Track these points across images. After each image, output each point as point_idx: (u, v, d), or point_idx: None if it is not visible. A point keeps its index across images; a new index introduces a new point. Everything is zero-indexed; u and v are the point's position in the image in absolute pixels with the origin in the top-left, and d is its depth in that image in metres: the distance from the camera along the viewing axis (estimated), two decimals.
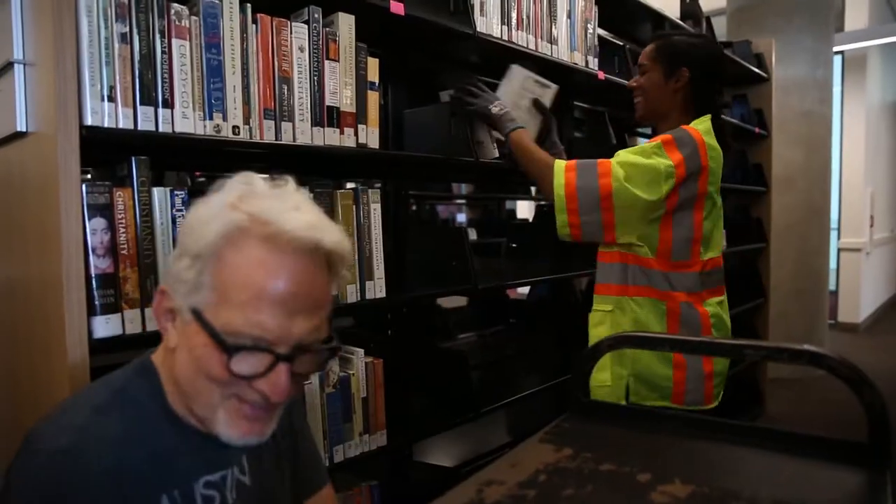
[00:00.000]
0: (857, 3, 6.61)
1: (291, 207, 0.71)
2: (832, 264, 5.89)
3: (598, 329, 1.57)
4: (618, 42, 2.49)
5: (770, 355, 0.94)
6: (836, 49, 5.23)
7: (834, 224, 6.12)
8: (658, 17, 2.73)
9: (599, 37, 2.24)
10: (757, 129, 3.82)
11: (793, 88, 4.61)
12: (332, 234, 0.73)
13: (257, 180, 0.75)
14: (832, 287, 6.17)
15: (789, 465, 0.75)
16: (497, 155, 1.80)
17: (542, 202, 3.15)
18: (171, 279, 0.74)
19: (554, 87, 1.85)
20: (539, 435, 0.90)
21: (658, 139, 1.50)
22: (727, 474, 0.78)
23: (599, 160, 1.51)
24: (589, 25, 2.15)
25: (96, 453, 0.69)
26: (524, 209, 6.08)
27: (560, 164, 1.54)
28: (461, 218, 5.90)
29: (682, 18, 3.25)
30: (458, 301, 3.03)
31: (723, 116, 1.72)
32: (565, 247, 2.29)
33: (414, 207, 2.93)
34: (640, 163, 1.47)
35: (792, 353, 0.86)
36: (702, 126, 1.55)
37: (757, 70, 3.84)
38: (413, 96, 1.89)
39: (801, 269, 4.74)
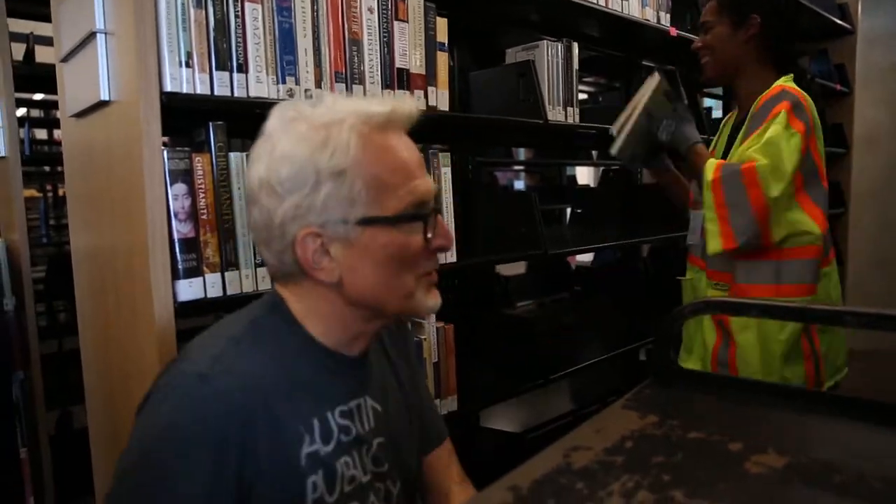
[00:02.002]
0: None
1: (365, 100, 0.77)
2: None
3: (746, 335, 1.45)
4: None
5: (872, 323, 0.88)
6: None
7: None
8: None
9: None
10: (838, 86, 3.59)
11: (879, 41, 4.30)
12: (409, 103, 0.79)
13: (316, 98, 0.79)
14: None
15: (889, 438, 0.71)
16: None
17: (610, 167, 3.06)
18: (317, 213, 0.72)
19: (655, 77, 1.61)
20: (622, 401, 0.87)
21: (781, 110, 1.36)
22: (824, 446, 0.74)
23: (742, 168, 1.37)
24: None
25: (232, 382, 0.70)
26: (584, 175, 5.95)
27: (707, 178, 1.41)
28: (519, 184, 5.82)
29: None
30: (517, 268, 3.00)
31: (805, 69, 1.58)
32: (631, 213, 2.23)
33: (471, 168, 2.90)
34: (782, 148, 1.35)
35: (886, 319, 0.81)
36: (793, 84, 1.44)
37: (840, 22, 3.59)
38: (478, 57, 1.85)
39: (883, 238, 4.47)
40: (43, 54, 2.88)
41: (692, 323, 1.59)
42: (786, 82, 1.45)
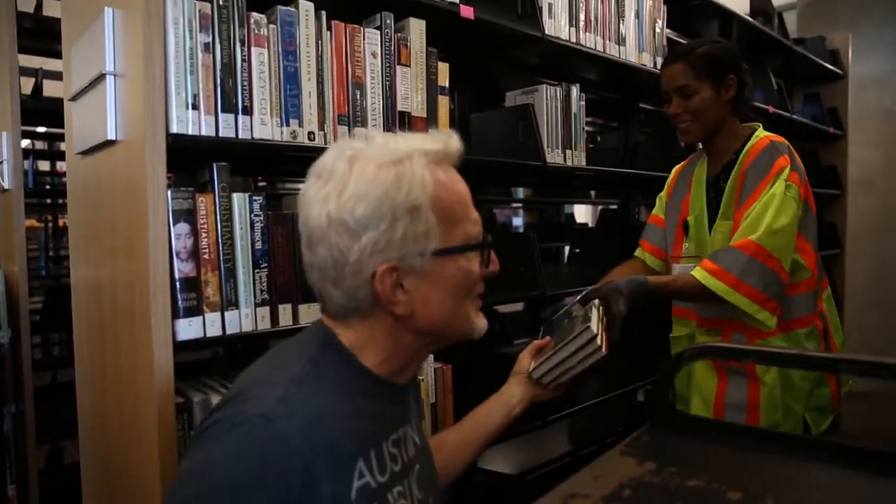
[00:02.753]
0: None
1: (418, 137, 0.81)
2: None
3: (768, 375, 1.48)
4: (685, 42, 2.42)
5: (868, 370, 0.88)
6: None
7: None
8: (727, 15, 2.64)
9: (667, 37, 2.19)
10: (831, 129, 3.65)
11: (871, 85, 4.38)
12: (454, 138, 0.83)
13: (364, 136, 0.81)
14: None
15: (889, 488, 0.71)
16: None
17: (608, 206, 3.09)
18: (395, 249, 0.75)
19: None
20: (620, 447, 0.87)
21: (783, 166, 1.41)
22: (824, 495, 0.74)
23: (740, 245, 1.38)
24: (657, 25, 2.10)
25: (296, 425, 0.70)
26: (582, 212, 5.99)
27: (701, 275, 1.40)
28: (517, 222, 5.86)
29: (752, 15, 3.14)
30: (515, 305, 3.00)
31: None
32: (630, 252, 2.24)
33: None
34: (786, 225, 1.39)
35: (892, 369, 0.81)
36: (767, 131, 1.54)
37: (832, 67, 3.67)
38: (477, 99, 1.88)
39: (880, 278, 4.49)
40: (49, 88, 2.94)
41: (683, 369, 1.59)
42: (762, 132, 1.53)
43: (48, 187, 4.72)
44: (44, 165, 5.13)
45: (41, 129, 3.94)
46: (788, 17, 3.67)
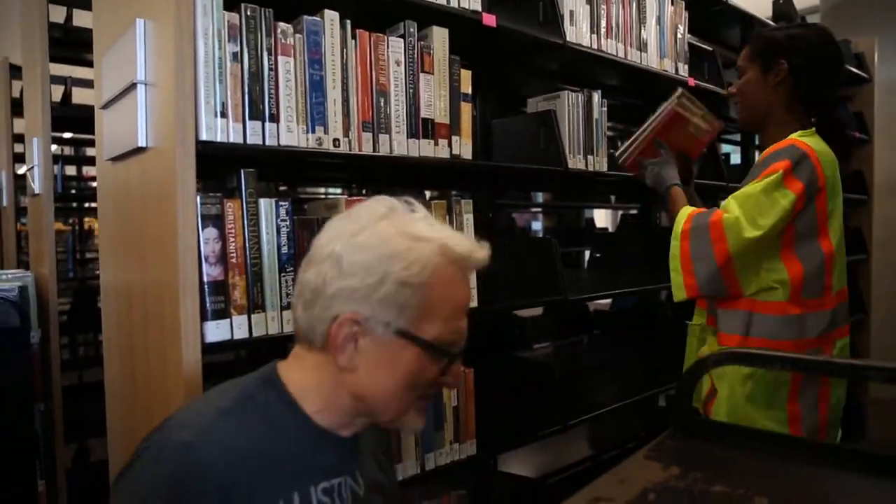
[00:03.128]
0: None
1: (451, 233, 0.82)
2: None
3: (721, 383, 1.46)
4: (707, 48, 2.40)
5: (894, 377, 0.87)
6: None
7: None
8: (748, 20, 2.63)
9: (689, 43, 2.18)
10: (857, 134, 3.60)
11: None
12: (484, 251, 0.84)
13: (411, 206, 0.83)
14: None
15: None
16: None
17: (629, 212, 3.08)
18: (367, 305, 0.77)
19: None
20: (643, 451, 0.87)
21: (779, 168, 1.35)
22: (849, 503, 0.74)
23: (711, 220, 1.40)
24: (679, 30, 2.09)
25: (216, 453, 0.73)
26: (601, 217, 5.96)
27: (677, 229, 1.46)
28: (536, 226, 5.85)
29: (774, 20, 3.11)
30: (534, 309, 3.00)
31: (840, 118, 1.57)
32: (650, 257, 2.24)
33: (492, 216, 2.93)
34: (762, 204, 1.35)
35: None
36: (808, 138, 1.42)
37: (857, 71, 3.62)
38: (499, 106, 1.89)
39: None
40: (78, 96, 3.01)
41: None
42: (801, 136, 1.42)
43: (74, 191, 4.83)
44: (70, 170, 5.25)
45: (68, 135, 4.02)
46: (812, 21, 3.63)
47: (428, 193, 1.80)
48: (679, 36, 2.09)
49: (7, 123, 3.88)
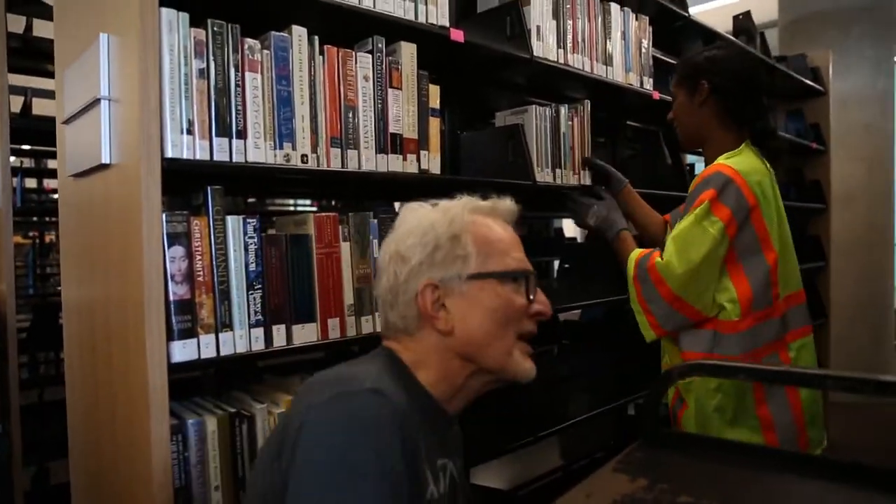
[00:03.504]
0: None
1: (474, 199, 0.96)
2: None
3: (689, 397, 1.50)
4: (671, 61, 2.46)
5: (854, 387, 0.90)
6: None
7: None
8: (709, 34, 2.69)
9: (653, 56, 2.22)
10: (813, 144, 3.71)
11: (852, 101, 4.47)
12: (508, 201, 0.98)
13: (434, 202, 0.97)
14: None
15: (871, 502, 0.73)
16: None
17: None
18: (437, 270, 0.87)
19: None
20: (612, 464, 0.89)
21: (705, 199, 1.41)
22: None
23: (648, 265, 1.48)
24: (643, 45, 2.14)
25: (396, 401, 0.78)
26: (570, 228, 6.02)
27: (629, 274, 1.54)
28: None
29: (734, 34, 3.20)
30: None
31: (769, 127, 1.62)
32: (618, 267, 2.27)
33: None
34: (694, 237, 1.41)
35: (878, 385, 0.83)
36: (734, 159, 1.47)
37: (813, 84, 3.74)
38: (467, 119, 1.91)
39: (864, 289, 4.56)
40: (38, 107, 2.94)
41: None
42: (727, 159, 1.48)
43: (33, 204, 4.72)
44: (30, 183, 5.12)
45: (26, 147, 3.94)
46: (770, 35, 3.75)
47: (397, 205, 1.81)
48: (643, 50, 2.14)
49: None
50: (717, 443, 1.00)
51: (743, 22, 3.25)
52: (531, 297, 0.91)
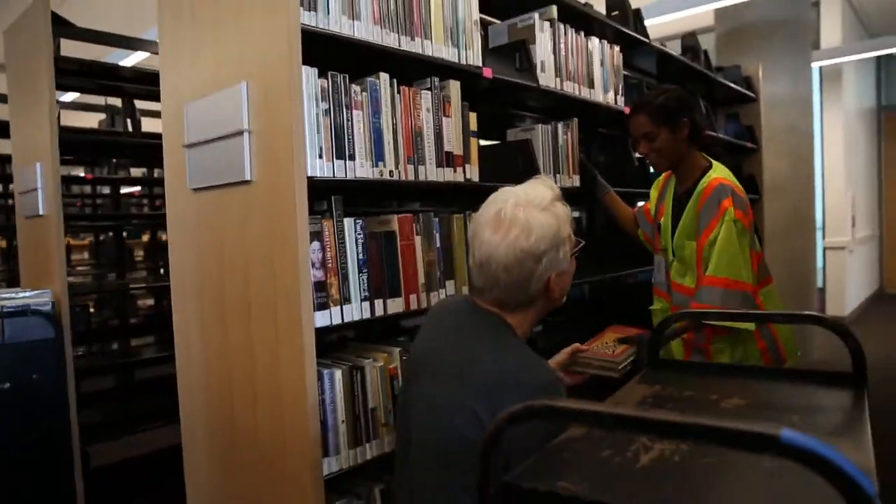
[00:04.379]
0: (832, 21, 7.17)
1: (537, 185, 1.27)
2: (819, 263, 6.37)
3: (723, 356, 1.98)
4: (634, 79, 2.94)
5: (789, 320, 1.38)
6: (813, 64, 5.73)
7: (819, 225, 6.61)
8: (664, 55, 3.19)
9: (623, 75, 2.69)
10: (749, 144, 4.29)
11: (777, 105, 5.10)
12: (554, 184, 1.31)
13: (504, 192, 1.27)
14: (819, 284, 6.66)
15: (807, 390, 1.19)
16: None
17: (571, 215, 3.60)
18: (560, 262, 1.21)
19: None
20: (630, 383, 1.34)
21: (727, 206, 1.88)
22: (769, 395, 1.21)
23: (707, 282, 1.90)
24: (617, 69, 2.60)
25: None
26: None
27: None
28: None
29: (682, 52, 3.72)
30: None
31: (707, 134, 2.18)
32: (597, 259, 2.74)
33: None
34: (731, 241, 1.87)
35: (799, 317, 1.30)
36: (722, 172, 2.00)
37: (746, 91, 4.32)
38: (485, 135, 2.33)
39: (792, 270, 5.20)
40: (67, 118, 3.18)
41: None
42: (719, 174, 1.98)
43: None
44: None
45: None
46: (705, 39, 4.26)
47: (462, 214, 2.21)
48: (617, 73, 2.60)
49: None
50: (707, 365, 1.46)
51: (689, 40, 3.78)
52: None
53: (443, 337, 1.26)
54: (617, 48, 2.60)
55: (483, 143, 1.95)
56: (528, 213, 1.18)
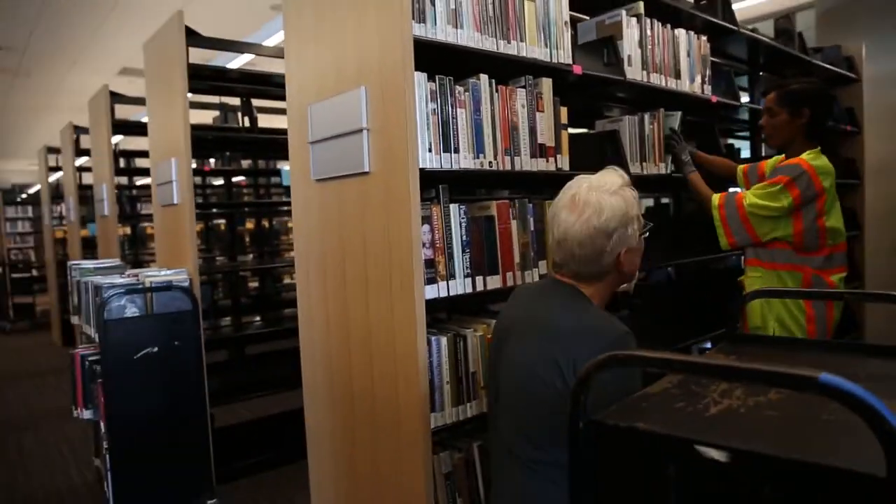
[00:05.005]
0: None
1: (606, 175, 1.42)
2: None
3: (754, 284, 2.24)
4: (724, 66, 2.98)
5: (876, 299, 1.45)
6: None
7: None
8: (754, 42, 3.19)
9: (710, 62, 2.75)
10: (848, 127, 4.17)
11: (882, 86, 4.88)
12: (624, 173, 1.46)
13: (578, 179, 1.43)
14: None
15: (887, 363, 1.28)
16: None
17: (660, 199, 3.66)
18: (629, 239, 1.36)
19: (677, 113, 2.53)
20: (709, 352, 1.47)
21: (782, 181, 2.11)
22: (842, 367, 1.32)
23: (736, 196, 2.19)
24: (704, 59, 2.67)
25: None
26: None
27: (714, 201, 2.24)
28: None
29: (775, 35, 3.68)
30: None
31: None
32: (681, 238, 2.82)
33: None
34: (768, 205, 2.14)
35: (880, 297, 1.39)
36: (814, 158, 2.15)
37: (847, 73, 4.19)
38: (573, 124, 2.47)
39: (894, 256, 4.99)
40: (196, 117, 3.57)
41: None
42: (808, 157, 2.15)
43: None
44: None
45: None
46: (804, 17, 4.12)
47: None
48: (704, 62, 2.66)
49: (108, 143, 4.47)
50: (773, 338, 1.57)
51: (783, 23, 3.73)
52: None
53: (527, 305, 1.45)
54: (704, 38, 2.66)
55: (572, 130, 2.10)
56: (600, 196, 1.34)
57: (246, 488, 3.21)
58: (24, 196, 14.51)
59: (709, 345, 2.85)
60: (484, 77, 1.79)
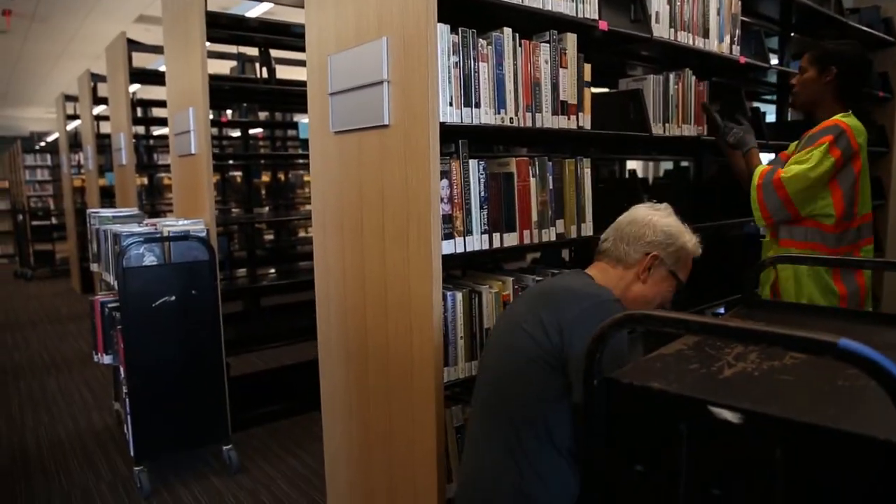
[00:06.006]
0: None
1: (690, 233, 1.56)
2: None
3: (786, 272, 2.17)
4: (754, 26, 2.88)
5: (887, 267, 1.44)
6: None
7: None
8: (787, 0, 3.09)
9: (741, 22, 2.66)
10: (881, 93, 4.04)
11: None
12: (699, 249, 1.58)
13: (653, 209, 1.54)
14: None
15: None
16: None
17: (679, 163, 3.61)
18: (663, 254, 1.50)
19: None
20: (731, 312, 1.47)
21: (825, 142, 2.06)
22: (857, 334, 1.31)
23: (773, 178, 2.13)
24: (734, 16, 2.58)
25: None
26: (640, 169, 6.45)
27: (754, 182, 2.20)
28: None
29: None
30: None
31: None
32: (700, 208, 2.79)
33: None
34: (815, 166, 2.05)
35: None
36: (848, 118, 2.11)
37: (884, 35, 4.04)
38: (596, 82, 2.42)
39: None
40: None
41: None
42: (842, 117, 2.10)
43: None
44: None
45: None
46: None
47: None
48: (734, 20, 2.58)
49: (126, 91, 4.45)
50: (792, 304, 1.56)
51: None
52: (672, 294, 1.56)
53: (535, 286, 1.56)
54: None
55: (594, 90, 2.06)
56: (669, 218, 1.56)
57: (260, 436, 3.29)
58: (42, 144, 14.60)
59: (722, 310, 2.84)
60: (507, 30, 1.75)
